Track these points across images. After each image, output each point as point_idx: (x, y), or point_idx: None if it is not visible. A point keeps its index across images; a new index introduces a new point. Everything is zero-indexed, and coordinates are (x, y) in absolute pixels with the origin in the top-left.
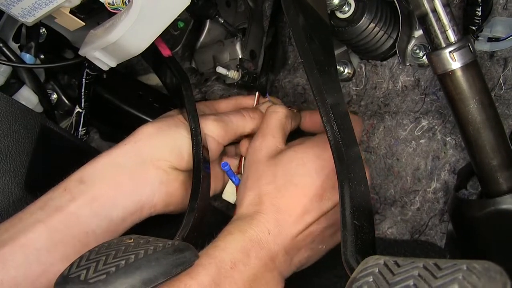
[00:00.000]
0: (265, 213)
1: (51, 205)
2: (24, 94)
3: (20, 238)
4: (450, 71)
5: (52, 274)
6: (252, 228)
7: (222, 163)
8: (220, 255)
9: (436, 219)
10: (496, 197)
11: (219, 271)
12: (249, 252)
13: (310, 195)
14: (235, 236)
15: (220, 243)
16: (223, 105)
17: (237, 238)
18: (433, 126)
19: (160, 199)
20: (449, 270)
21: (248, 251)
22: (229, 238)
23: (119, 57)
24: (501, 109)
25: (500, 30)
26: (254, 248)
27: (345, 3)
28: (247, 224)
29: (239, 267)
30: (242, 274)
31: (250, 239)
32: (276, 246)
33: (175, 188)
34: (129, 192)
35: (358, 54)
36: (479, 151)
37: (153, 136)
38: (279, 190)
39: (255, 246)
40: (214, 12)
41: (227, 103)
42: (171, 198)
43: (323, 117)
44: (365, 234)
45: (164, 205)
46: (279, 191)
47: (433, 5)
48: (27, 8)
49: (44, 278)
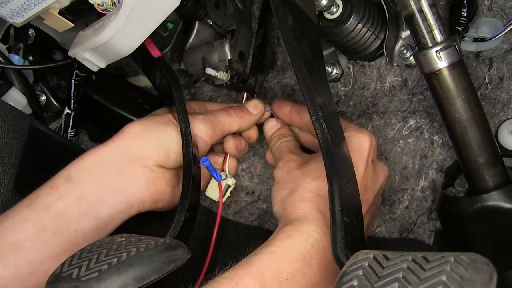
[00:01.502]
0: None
1: (39, 203)
2: (13, 95)
3: (9, 237)
4: (437, 70)
5: (41, 273)
6: (315, 229)
7: (202, 159)
8: (276, 265)
9: (424, 217)
10: (483, 194)
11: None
12: (311, 260)
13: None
14: (296, 241)
15: (277, 249)
16: (214, 108)
17: (298, 244)
18: (420, 125)
19: (148, 196)
20: (437, 262)
21: (310, 258)
22: (289, 244)
23: (109, 58)
24: (486, 107)
25: (485, 31)
26: (318, 254)
27: (333, 4)
28: (309, 225)
29: (297, 278)
30: (300, 285)
31: (312, 244)
32: None
33: (162, 186)
34: (116, 190)
35: (346, 54)
36: (466, 149)
37: (141, 135)
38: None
39: (318, 252)
40: (203, 14)
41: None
42: (159, 196)
43: (312, 116)
44: (355, 231)
45: (152, 203)
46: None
47: (419, 6)
48: (16, 9)
49: (33, 277)
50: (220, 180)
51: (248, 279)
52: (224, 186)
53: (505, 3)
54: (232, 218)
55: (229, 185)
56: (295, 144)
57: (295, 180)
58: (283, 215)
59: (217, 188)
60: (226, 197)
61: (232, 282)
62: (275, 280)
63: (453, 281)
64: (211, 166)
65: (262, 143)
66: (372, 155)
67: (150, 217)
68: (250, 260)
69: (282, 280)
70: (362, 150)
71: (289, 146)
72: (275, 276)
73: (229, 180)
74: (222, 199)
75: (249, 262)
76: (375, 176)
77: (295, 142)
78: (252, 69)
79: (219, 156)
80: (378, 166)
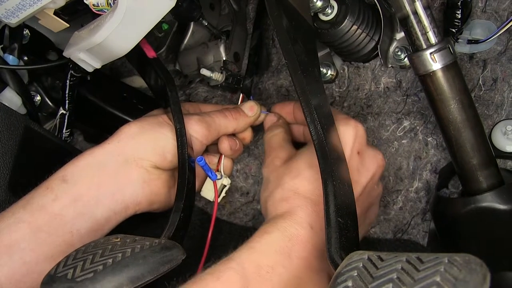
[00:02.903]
0: (302, 206)
1: (34, 204)
2: (7, 95)
3: (4, 238)
4: (431, 72)
5: (36, 274)
6: (292, 225)
7: (197, 158)
8: (256, 259)
9: (418, 218)
10: (477, 195)
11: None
12: (290, 253)
13: None
14: (273, 235)
15: (256, 245)
16: (208, 109)
17: (276, 238)
18: (414, 127)
19: (144, 198)
20: (431, 263)
21: (289, 251)
22: (266, 238)
23: (104, 59)
24: (480, 109)
25: (479, 33)
26: (296, 247)
27: (328, 5)
28: (285, 221)
29: (278, 270)
30: (281, 277)
31: (290, 237)
32: (321, 242)
33: (158, 187)
34: (112, 191)
35: (341, 56)
36: (460, 151)
37: (136, 136)
38: (310, 181)
39: (296, 245)
40: (198, 15)
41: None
42: (155, 197)
43: (307, 117)
44: (349, 232)
45: (148, 204)
46: (310, 182)
47: (414, 8)
48: (11, 9)
49: (28, 278)
50: (215, 180)
51: (229, 272)
52: (219, 186)
53: (499, 6)
54: (227, 219)
55: (224, 185)
56: (285, 137)
57: (277, 179)
58: (266, 215)
59: (212, 188)
60: (221, 197)
61: (214, 277)
62: (256, 273)
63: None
64: (207, 165)
65: (257, 144)
66: (358, 147)
67: (145, 217)
68: (231, 256)
69: (263, 272)
70: (345, 144)
71: (279, 139)
72: (255, 269)
73: (224, 180)
74: (217, 199)
75: (229, 257)
76: (362, 167)
77: (286, 135)
78: (248, 70)
79: (214, 156)
80: (368, 155)
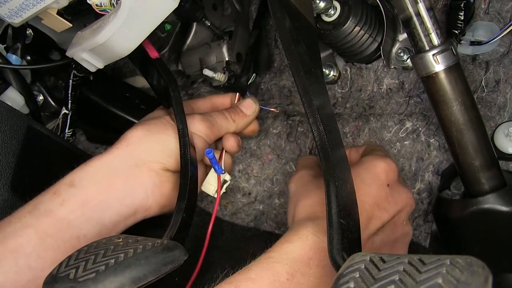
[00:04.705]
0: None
1: (41, 209)
2: (10, 95)
3: (10, 243)
4: (434, 74)
5: (42, 280)
6: (314, 233)
7: (206, 150)
8: (274, 267)
9: (420, 220)
10: (479, 197)
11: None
12: (310, 261)
13: (370, 202)
14: (294, 244)
15: (275, 254)
16: (200, 103)
17: (296, 247)
18: (417, 128)
19: (154, 201)
20: (433, 265)
21: (309, 260)
22: (287, 247)
23: (107, 59)
24: (483, 111)
25: (482, 34)
26: (317, 255)
27: (331, 6)
28: (307, 229)
29: (296, 278)
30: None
31: (311, 246)
32: None
33: (169, 190)
34: (122, 195)
35: (344, 57)
36: (462, 152)
37: (144, 139)
38: None
39: (317, 253)
40: (201, 15)
41: (203, 102)
42: (165, 200)
43: (310, 118)
44: (351, 233)
45: (159, 208)
46: None
47: (417, 9)
48: (14, 9)
49: (33, 283)
50: (221, 173)
51: (247, 282)
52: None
53: (502, 7)
54: (229, 219)
55: (225, 180)
56: (316, 162)
57: (305, 192)
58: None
59: (213, 183)
60: (222, 192)
61: (232, 286)
62: (275, 281)
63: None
64: (214, 158)
65: (259, 145)
66: (389, 179)
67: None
68: (249, 266)
69: (282, 280)
70: (376, 173)
71: (312, 162)
72: (274, 277)
73: (226, 176)
74: (220, 192)
75: (248, 267)
76: (392, 198)
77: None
78: (245, 68)
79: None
80: (398, 190)
